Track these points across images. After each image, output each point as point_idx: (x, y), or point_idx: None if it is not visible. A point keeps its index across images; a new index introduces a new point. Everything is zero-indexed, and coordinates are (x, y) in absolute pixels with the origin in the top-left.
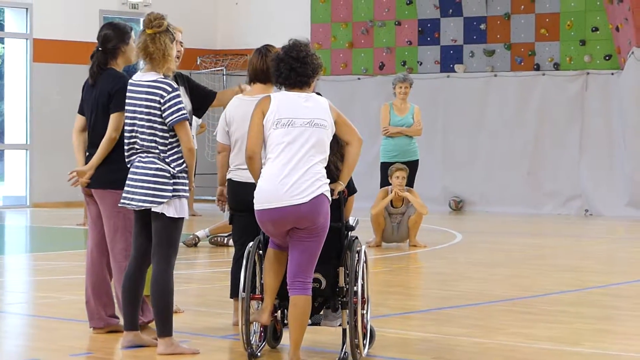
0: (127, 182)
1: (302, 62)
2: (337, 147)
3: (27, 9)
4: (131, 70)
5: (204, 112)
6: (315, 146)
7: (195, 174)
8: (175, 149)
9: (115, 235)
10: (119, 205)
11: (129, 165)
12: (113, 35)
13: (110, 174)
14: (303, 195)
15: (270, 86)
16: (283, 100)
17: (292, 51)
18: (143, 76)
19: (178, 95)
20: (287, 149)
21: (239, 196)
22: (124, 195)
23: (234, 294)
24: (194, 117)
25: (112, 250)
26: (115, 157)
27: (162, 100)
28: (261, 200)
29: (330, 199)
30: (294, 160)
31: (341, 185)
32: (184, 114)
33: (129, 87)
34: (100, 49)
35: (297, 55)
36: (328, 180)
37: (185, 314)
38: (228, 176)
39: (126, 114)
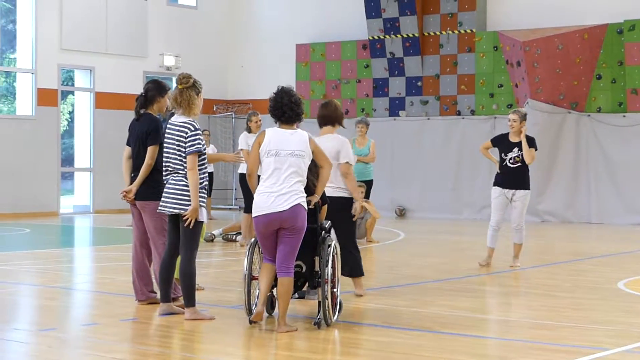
0: (164, 194)
1: (293, 106)
2: (315, 169)
3: (90, 70)
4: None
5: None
6: (294, 171)
7: (212, 189)
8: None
9: (158, 233)
10: (157, 211)
11: (165, 182)
12: (153, 87)
13: (149, 189)
14: (285, 205)
15: (336, 127)
16: (274, 135)
17: (285, 96)
18: (177, 118)
19: (198, 133)
20: (275, 173)
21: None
22: (161, 203)
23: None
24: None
25: (155, 244)
26: (152, 177)
27: (186, 136)
28: (257, 209)
29: (306, 208)
30: (279, 182)
31: (316, 197)
32: (197, 147)
33: (168, 126)
34: (142, 95)
35: (289, 99)
36: (305, 194)
37: (205, 290)
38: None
39: (165, 146)
